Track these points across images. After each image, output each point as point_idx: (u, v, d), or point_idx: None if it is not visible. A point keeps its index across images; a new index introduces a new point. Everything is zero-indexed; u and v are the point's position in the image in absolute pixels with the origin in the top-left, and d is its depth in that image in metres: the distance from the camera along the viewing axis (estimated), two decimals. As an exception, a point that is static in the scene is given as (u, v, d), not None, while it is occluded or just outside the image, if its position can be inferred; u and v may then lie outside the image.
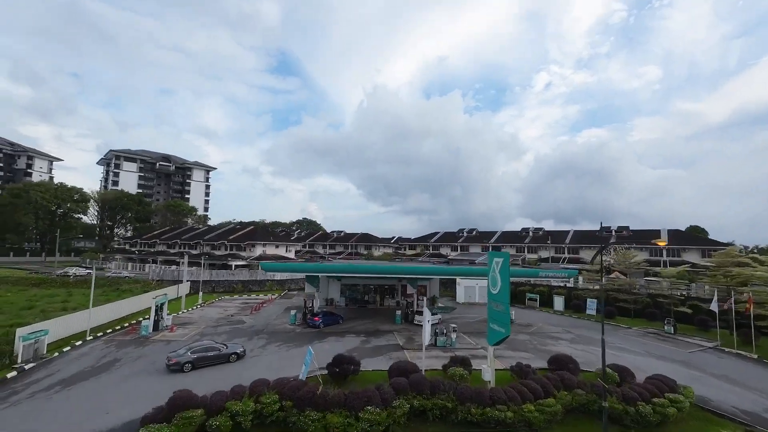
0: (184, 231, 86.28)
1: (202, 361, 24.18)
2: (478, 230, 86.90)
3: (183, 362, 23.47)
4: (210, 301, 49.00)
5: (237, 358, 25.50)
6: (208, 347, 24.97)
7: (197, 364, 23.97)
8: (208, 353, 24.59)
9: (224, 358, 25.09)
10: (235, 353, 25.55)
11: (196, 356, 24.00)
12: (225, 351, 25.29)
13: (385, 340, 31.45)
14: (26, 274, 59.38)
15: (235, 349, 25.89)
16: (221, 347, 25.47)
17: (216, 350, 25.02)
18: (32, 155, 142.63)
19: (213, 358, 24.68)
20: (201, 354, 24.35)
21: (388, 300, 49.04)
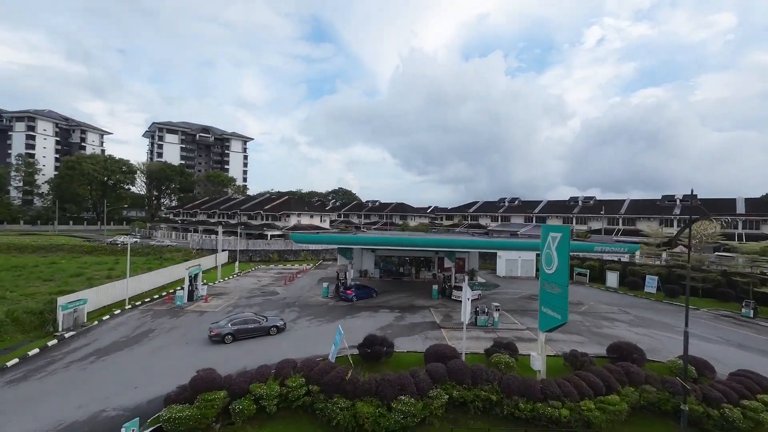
0: (222, 201, 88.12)
1: (242, 333, 23.74)
2: (520, 200, 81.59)
3: (224, 334, 23.15)
4: (246, 271, 49.38)
5: (277, 332, 24.86)
6: (248, 319, 24.44)
7: (237, 335, 23.59)
8: (248, 325, 24.08)
9: (264, 331, 24.49)
10: (275, 326, 24.89)
11: (236, 328, 23.61)
12: (265, 324, 24.69)
13: (421, 316, 29.60)
14: (81, 242, 62.95)
15: (275, 322, 25.22)
16: (261, 320, 24.89)
17: (256, 323, 24.45)
18: (85, 129, 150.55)
19: (252, 330, 24.16)
20: (241, 326, 23.88)
21: (424, 272, 47.07)
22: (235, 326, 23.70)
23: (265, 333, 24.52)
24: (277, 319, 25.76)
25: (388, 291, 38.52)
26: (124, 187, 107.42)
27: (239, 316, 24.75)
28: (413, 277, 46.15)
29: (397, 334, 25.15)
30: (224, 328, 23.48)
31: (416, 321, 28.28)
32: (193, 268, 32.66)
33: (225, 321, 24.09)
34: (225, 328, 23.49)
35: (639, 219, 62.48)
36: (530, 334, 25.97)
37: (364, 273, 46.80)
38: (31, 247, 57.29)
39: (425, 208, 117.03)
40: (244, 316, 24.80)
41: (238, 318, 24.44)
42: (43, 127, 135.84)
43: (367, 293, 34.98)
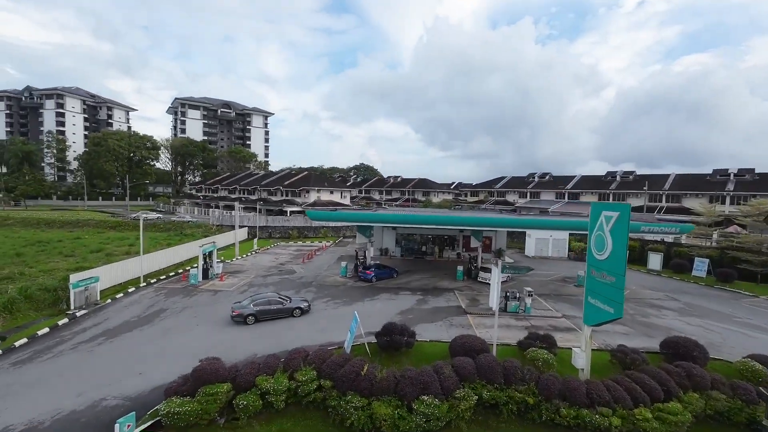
0: (243, 177, 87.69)
1: (264, 315, 22.67)
2: (551, 175, 76.68)
3: (246, 314, 22.12)
4: (265, 248, 48.50)
5: (300, 313, 23.54)
6: (271, 300, 23.28)
7: (260, 316, 22.52)
8: (270, 306, 22.94)
9: (287, 313, 23.25)
10: (299, 308, 23.57)
11: (258, 309, 22.53)
12: (288, 305, 23.44)
13: (445, 300, 27.53)
14: (106, 217, 63.88)
15: (298, 303, 23.89)
16: (284, 300, 23.67)
17: (279, 303, 23.27)
18: (111, 106, 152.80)
19: (276, 312, 23.02)
20: (263, 307, 22.76)
21: (447, 252, 44.75)
22: (257, 307, 22.56)
23: (288, 314, 23.25)
24: (301, 301, 24.41)
25: (409, 271, 36.57)
26: (149, 163, 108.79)
27: (262, 297, 23.55)
28: (436, 257, 43.95)
29: (419, 319, 23.24)
30: (246, 308, 22.36)
31: (440, 305, 26.25)
32: (208, 245, 31.57)
33: (247, 301, 22.95)
34: (247, 308, 22.36)
35: (685, 196, 57.19)
36: (567, 322, 23.50)
37: (385, 251, 44.95)
38: (59, 222, 58.41)
39: (449, 184, 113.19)
40: (268, 297, 23.56)
41: (261, 298, 23.24)
42: (72, 105, 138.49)
43: (388, 273, 33.13)
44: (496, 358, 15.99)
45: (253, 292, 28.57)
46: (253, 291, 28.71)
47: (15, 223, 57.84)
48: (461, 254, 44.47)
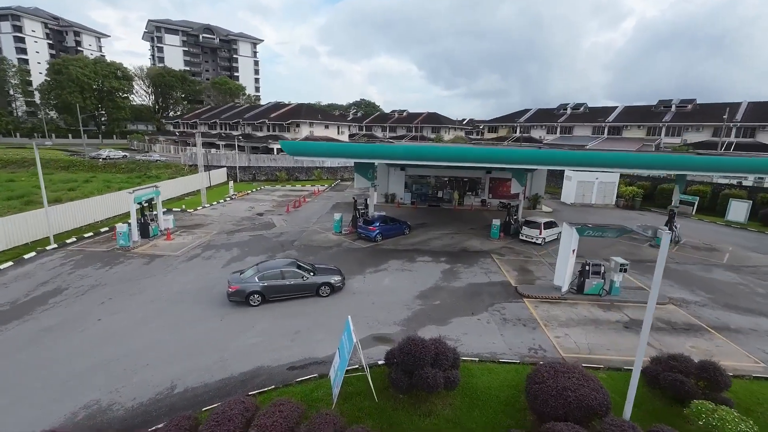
0: (224, 110, 76.13)
1: (275, 292, 15.39)
2: (587, 106, 65.00)
3: (248, 291, 14.94)
4: (244, 193, 39.52)
5: (330, 291, 15.94)
6: (286, 271, 15.61)
7: (269, 295, 15.28)
8: (285, 281, 15.44)
9: (310, 290, 15.75)
10: (327, 284, 15.90)
11: (265, 284, 15.20)
12: (311, 280, 15.72)
13: (483, 270, 19.05)
14: (62, 156, 54.22)
15: (327, 277, 16.11)
16: (306, 272, 15.85)
17: (298, 276, 15.60)
18: (79, 30, 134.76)
19: (293, 288, 15.55)
20: (273, 282, 15.31)
21: (469, 198, 35.71)
22: (265, 281, 15.21)
23: (312, 292, 15.79)
24: (330, 273, 16.52)
25: (425, 225, 27.86)
26: (121, 96, 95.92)
27: (273, 266, 15.92)
28: (455, 205, 35.01)
29: (452, 309, 14.91)
30: (248, 283, 15.07)
31: (478, 280, 17.76)
32: (145, 191, 22.48)
33: (251, 272, 15.70)
34: (250, 283, 15.07)
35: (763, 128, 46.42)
36: (683, 314, 15.06)
37: (391, 198, 35.95)
38: (1, 161, 48.91)
39: (460, 121, 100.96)
40: (281, 266, 15.83)
41: (270, 269, 15.63)
42: (31, 28, 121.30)
43: (398, 229, 24.42)
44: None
45: (209, 255, 20.07)
46: (209, 255, 20.20)
47: (-54, 162, 48.44)
48: (487, 201, 35.48)
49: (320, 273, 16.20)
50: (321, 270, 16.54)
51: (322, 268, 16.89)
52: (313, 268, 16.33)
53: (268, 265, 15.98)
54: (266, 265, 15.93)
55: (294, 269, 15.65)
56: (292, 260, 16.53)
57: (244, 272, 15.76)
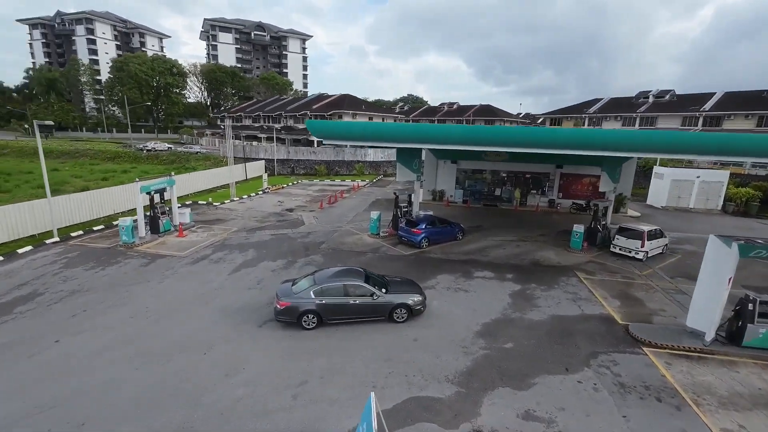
0: (268, 103, 75.11)
1: (334, 313, 11.48)
2: (674, 92, 55.42)
3: (302, 310, 11.15)
4: (279, 186, 36.61)
5: (407, 316, 11.69)
6: (350, 285, 11.57)
7: (326, 316, 11.40)
8: (349, 299, 11.43)
9: (381, 312, 11.66)
10: (404, 306, 11.62)
11: (324, 302, 11.30)
12: (383, 299, 11.58)
13: (566, 294, 13.85)
14: (112, 148, 55.20)
15: (404, 295, 11.85)
16: (377, 288, 11.69)
17: (366, 293, 11.53)
18: (144, 32, 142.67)
19: (359, 309, 11.55)
20: (333, 299, 11.39)
21: (534, 197, 29.97)
22: (323, 298, 11.31)
23: (383, 316, 11.67)
24: (406, 289, 12.25)
25: (480, 228, 22.85)
26: (176, 91, 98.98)
27: (334, 277, 11.88)
28: (517, 205, 29.44)
29: (532, 356, 10.05)
30: (302, 299, 11.25)
31: (564, 311, 12.62)
32: (157, 181, 19.61)
33: (306, 283, 11.83)
34: (304, 299, 11.25)
35: None
36: None
37: (439, 195, 31.14)
38: (56, 152, 50.32)
39: (516, 114, 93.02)
40: (344, 279, 11.77)
41: (330, 281, 11.67)
42: (102, 30, 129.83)
43: (448, 232, 19.67)
44: None
45: (219, 258, 16.64)
46: (219, 257, 16.78)
47: (11, 152, 50.66)
48: (556, 201, 29.52)
49: (394, 289, 12.03)
50: (394, 284, 12.39)
51: (396, 281, 12.79)
52: (386, 283, 12.24)
53: (328, 275, 12.01)
54: (325, 276, 11.96)
55: (361, 283, 11.58)
56: (359, 270, 12.50)
57: (297, 282, 11.99)
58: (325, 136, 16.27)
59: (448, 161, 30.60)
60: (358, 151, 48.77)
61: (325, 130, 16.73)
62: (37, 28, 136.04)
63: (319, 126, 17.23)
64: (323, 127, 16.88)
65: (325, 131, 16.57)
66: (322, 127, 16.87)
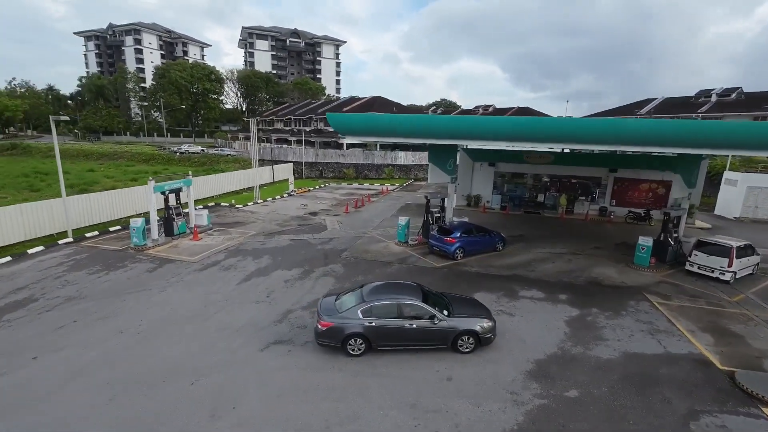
0: (299, 107, 75.17)
1: (387, 338, 9.45)
2: (741, 90, 49.75)
3: (348, 332, 9.22)
4: (305, 189, 35.35)
5: (473, 345, 9.47)
6: (406, 305, 9.51)
7: (377, 341, 9.39)
8: (404, 322, 9.36)
9: (442, 340, 9.49)
10: (471, 333, 9.40)
11: (374, 323, 9.31)
12: (445, 323, 9.40)
13: (639, 323, 11.10)
14: (148, 150, 56.54)
15: (470, 320, 9.58)
16: (439, 309, 9.62)
17: (423, 315, 9.45)
18: (186, 42, 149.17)
19: (415, 336, 9.44)
20: (386, 321, 9.35)
21: (582, 205, 26.79)
22: (372, 319, 9.32)
23: (443, 343, 9.50)
24: (472, 312, 9.96)
25: (523, 238, 20.19)
26: (213, 97, 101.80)
27: (385, 294, 9.82)
28: (563, 212, 26.36)
29: (607, 414, 7.51)
30: (348, 319, 9.30)
31: (639, 347, 9.93)
32: (172, 181, 18.51)
33: (352, 299, 9.88)
34: (349, 318, 9.31)
35: None
36: None
37: (475, 200, 28.58)
38: (97, 153, 51.99)
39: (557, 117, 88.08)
40: (395, 292, 9.93)
41: (381, 299, 9.63)
42: (149, 41, 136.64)
43: (486, 242, 17.23)
44: None
45: (230, 265, 15.10)
46: (230, 263, 15.25)
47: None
48: (609, 209, 26.18)
49: (458, 310, 9.80)
50: (457, 304, 10.18)
51: (457, 299, 10.61)
52: (447, 303, 10.11)
53: (378, 291, 9.94)
54: (375, 292, 9.90)
55: (418, 303, 9.49)
56: (414, 285, 10.46)
57: (341, 297, 10.10)
58: (348, 131, 14.42)
59: (485, 163, 28.06)
60: (388, 154, 46.98)
61: (348, 123, 14.81)
62: (92, 39, 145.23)
63: (340, 120, 15.37)
64: (346, 121, 15.01)
65: (347, 125, 14.66)
66: (344, 121, 15.02)
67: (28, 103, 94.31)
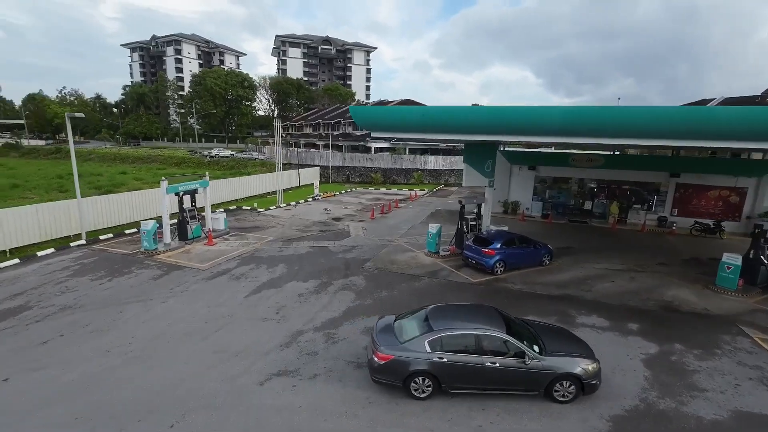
0: (328, 111, 74.79)
1: (462, 379, 7.30)
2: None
3: (411, 370, 7.18)
4: (330, 194, 34.05)
5: (574, 391, 7.23)
6: (485, 336, 7.36)
7: (450, 382, 7.29)
8: (484, 359, 7.17)
9: (533, 384, 7.27)
10: (572, 377, 7.17)
11: (445, 359, 7.18)
12: (538, 363, 7.15)
13: (743, 368, 8.56)
14: (180, 154, 57.60)
15: (569, 361, 7.27)
16: (527, 345, 7.34)
17: (511, 351, 7.27)
18: (223, 51, 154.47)
19: (499, 378, 7.23)
20: (461, 357, 7.21)
21: (637, 213, 23.77)
22: (443, 353, 7.23)
23: (534, 389, 7.31)
24: (569, 349, 7.68)
25: (571, 251, 17.69)
26: (246, 103, 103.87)
27: (455, 318, 7.89)
28: (614, 221, 23.43)
29: None
30: (411, 351, 7.28)
31: (756, 407, 7.42)
32: (187, 182, 17.44)
33: (414, 326, 7.81)
34: (413, 351, 7.27)
35: None
36: None
37: (513, 208, 26.14)
38: (132, 157, 53.32)
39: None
40: (471, 319, 7.82)
41: (454, 327, 7.53)
42: (188, 50, 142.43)
43: (531, 255, 14.95)
44: None
45: (240, 273, 13.64)
46: (241, 272, 13.80)
47: (96, 157, 54.71)
48: (669, 220, 23.01)
49: (552, 347, 7.56)
50: (548, 337, 7.93)
51: (546, 330, 8.38)
52: (536, 335, 7.89)
53: (449, 317, 7.85)
54: (445, 318, 7.80)
55: (503, 336, 7.31)
56: (491, 309, 8.32)
57: (401, 322, 8.11)
58: (373, 126, 12.68)
59: (524, 166, 25.63)
60: (417, 158, 45.09)
61: (373, 117, 12.97)
62: (136, 51, 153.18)
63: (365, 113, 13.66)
64: (371, 115, 13.21)
65: (372, 118, 12.84)
66: (369, 115, 13.25)
67: (76, 111, 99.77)
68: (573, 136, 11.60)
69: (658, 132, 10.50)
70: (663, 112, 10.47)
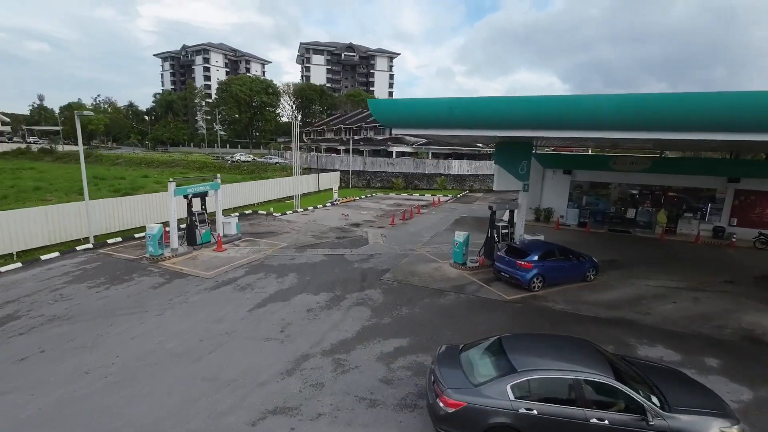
0: (350, 116, 74.16)
1: None
2: None
3: (491, 423, 5.52)
4: (350, 199, 32.84)
5: None
6: (587, 381, 5.63)
7: None
8: (585, 412, 5.42)
9: None
10: None
11: (534, 411, 5.46)
12: (663, 421, 5.33)
13: None
14: (203, 159, 58.10)
15: (703, 422, 5.39)
16: (643, 395, 5.57)
17: (623, 403, 5.48)
18: (249, 59, 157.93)
19: None
20: (555, 409, 5.48)
21: (687, 223, 21.27)
22: (532, 403, 5.52)
23: None
24: (701, 406, 5.69)
25: (616, 264, 15.63)
26: (269, 110, 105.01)
27: (545, 354, 6.20)
28: (662, 231, 21.01)
29: None
30: (488, 397, 5.61)
31: None
32: (197, 184, 16.52)
33: (493, 364, 6.12)
34: (491, 398, 5.60)
35: None
36: None
37: (545, 215, 24.06)
38: (157, 161, 54.04)
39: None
40: (566, 358, 6.01)
41: (547, 369, 5.80)
42: (216, 59, 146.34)
43: (573, 269, 13.05)
44: None
45: (247, 284, 12.41)
46: (248, 282, 12.57)
47: (123, 162, 55.80)
48: (727, 230, 20.40)
49: (677, 401, 5.70)
50: (666, 385, 6.09)
51: (660, 374, 6.53)
52: (650, 382, 6.08)
53: (531, 351, 6.27)
54: (527, 353, 6.18)
55: (610, 381, 5.60)
56: (589, 345, 6.59)
57: (470, 353, 6.57)
58: (394, 121, 11.26)
59: (558, 171, 23.59)
60: (441, 163, 43.37)
61: (394, 110, 11.44)
62: (167, 60, 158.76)
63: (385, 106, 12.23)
64: (391, 108, 11.73)
65: (393, 112, 11.35)
66: (389, 108, 11.79)
67: (109, 117, 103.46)
68: (629, 130, 9.78)
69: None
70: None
